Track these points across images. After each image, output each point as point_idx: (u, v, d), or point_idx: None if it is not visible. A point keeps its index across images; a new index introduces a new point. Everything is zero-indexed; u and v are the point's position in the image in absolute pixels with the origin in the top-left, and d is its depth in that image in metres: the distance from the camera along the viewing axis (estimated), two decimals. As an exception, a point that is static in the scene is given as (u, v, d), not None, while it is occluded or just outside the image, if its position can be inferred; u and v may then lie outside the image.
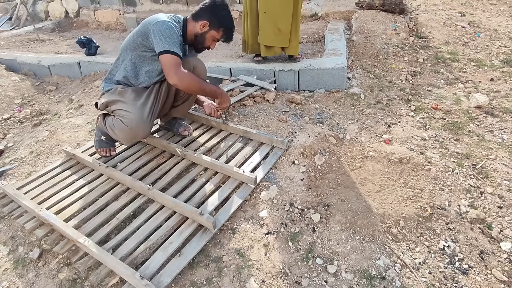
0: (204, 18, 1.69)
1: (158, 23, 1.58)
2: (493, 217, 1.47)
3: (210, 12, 1.69)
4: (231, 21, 1.75)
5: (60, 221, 1.42)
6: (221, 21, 1.71)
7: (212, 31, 1.72)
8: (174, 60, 1.56)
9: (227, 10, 1.73)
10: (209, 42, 1.77)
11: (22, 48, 4.28)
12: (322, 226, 1.47)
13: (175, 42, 1.58)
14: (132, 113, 1.61)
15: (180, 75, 1.56)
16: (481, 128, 2.11)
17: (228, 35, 1.78)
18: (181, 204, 1.47)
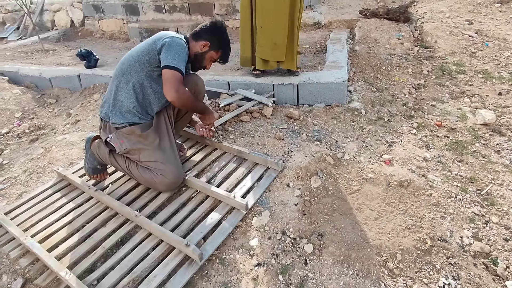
0: (205, 38, 1.75)
1: (171, 38, 1.61)
2: (498, 251, 1.37)
3: (211, 33, 1.75)
4: (229, 44, 1.85)
5: (44, 251, 1.38)
6: (221, 43, 1.80)
7: (211, 52, 1.79)
8: (178, 77, 1.57)
9: (226, 33, 1.82)
10: (207, 62, 1.83)
11: (27, 59, 4.32)
12: (314, 258, 1.40)
13: (183, 61, 1.61)
14: (173, 167, 1.66)
15: (180, 92, 1.57)
16: (487, 148, 2.01)
17: (225, 56, 1.89)
18: (168, 233, 1.42)
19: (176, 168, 1.68)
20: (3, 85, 3.34)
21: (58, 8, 5.77)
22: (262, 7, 2.41)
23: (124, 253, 1.42)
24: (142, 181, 1.73)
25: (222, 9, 4.79)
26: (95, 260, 1.41)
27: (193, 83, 1.87)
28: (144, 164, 1.68)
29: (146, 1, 5.09)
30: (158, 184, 1.67)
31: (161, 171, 1.64)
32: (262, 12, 2.42)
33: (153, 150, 1.66)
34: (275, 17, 2.41)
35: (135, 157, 1.69)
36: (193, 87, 1.86)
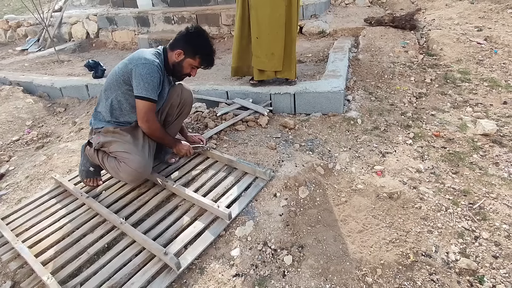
0: (179, 47, 1.73)
1: (139, 66, 1.63)
2: (486, 269, 1.31)
3: (184, 40, 1.73)
4: (208, 47, 1.76)
5: (31, 255, 1.44)
6: (196, 48, 1.73)
7: (188, 59, 1.75)
8: (147, 106, 1.65)
9: (202, 36, 1.75)
10: (187, 69, 1.80)
11: (42, 70, 4.54)
12: (293, 270, 1.38)
13: (154, 87, 1.64)
14: (137, 156, 1.69)
15: (150, 122, 1.68)
16: (486, 159, 1.93)
17: (207, 61, 1.80)
18: (149, 241, 1.45)
19: (141, 158, 1.69)
20: (18, 95, 3.52)
21: (75, 21, 6.06)
22: (257, 18, 2.45)
23: (107, 259, 1.45)
24: (109, 170, 1.77)
25: (228, 20, 4.89)
26: (79, 265, 1.45)
27: (177, 94, 1.89)
28: (113, 154, 1.73)
29: (156, 13, 5.27)
30: (121, 172, 1.69)
31: (125, 159, 1.68)
32: (258, 23, 2.46)
33: (123, 142, 1.72)
34: (271, 28, 2.44)
35: (107, 149, 1.75)
36: (179, 98, 1.89)
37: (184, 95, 1.94)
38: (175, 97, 1.91)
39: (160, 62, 1.72)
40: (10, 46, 6.26)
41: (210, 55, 1.79)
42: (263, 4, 2.36)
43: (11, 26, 6.59)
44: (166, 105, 1.92)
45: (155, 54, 1.73)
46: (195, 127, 2.49)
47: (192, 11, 5.04)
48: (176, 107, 1.94)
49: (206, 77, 3.34)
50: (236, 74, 2.89)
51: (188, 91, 1.97)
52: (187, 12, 5.07)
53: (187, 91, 1.96)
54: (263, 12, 2.42)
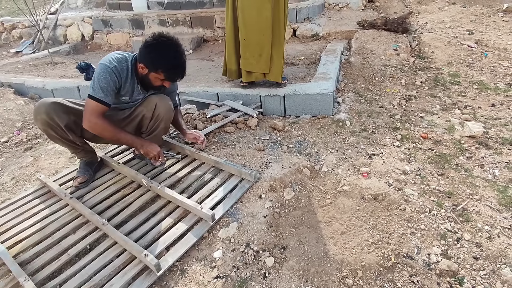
0: (140, 59, 1.62)
1: (99, 65, 1.60)
2: (466, 270, 1.31)
3: (144, 53, 1.59)
4: (170, 60, 1.58)
5: (9, 256, 1.42)
6: (155, 62, 1.58)
7: (152, 73, 1.62)
8: (93, 106, 1.58)
9: (163, 49, 1.56)
10: (156, 82, 1.67)
11: (36, 71, 4.53)
12: (274, 272, 1.37)
13: (105, 88, 1.57)
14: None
15: (92, 122, 1.60)
16: (471, 161, 1.93)
17: (170, 75, 1.63)
18: (130, 243, 1.43)
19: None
20: (9, 96, 3.51)
21: (70, 23, 6.06)
22: (244, 20, 2.45)
23: (88, 260, 1.44)
24: None
25: (223, 22, 4.90)
26: (59, 266, 1.44)
27: (151, 107, 1.77)
28: None
29: (151, 16, 5.28)
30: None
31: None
32: (245, 25, 2.46)
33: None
34: (258, 30, 2.44)
35: None
36: (151, 112, 1.78)
37: (158, 110, 1.78)
38: (148, 110, 1.79)
39: (121, 67, 1.63)
40: (4, 48, 6.25)
41: (173, 69, 1.61)
42: (250, 6, 2.37)
43: (6, 28, 6.59)
44: (136, 115, 1.84)
45: (120, 58, 1.65)
46: (184, 129, 2.49)
47: (186, 14, 5.05)
48: (149, 120, 1.82)
49: (197, 79, 3.34)
50: (228, 75, 2.89)
51: (165, 106, 1.79)
52: (181, 14, 5.09)
53: (163, 106, 1.78)
54: (249, 14, 2.43)
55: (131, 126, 1.90)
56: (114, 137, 1.69)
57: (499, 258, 1.34)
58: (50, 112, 1.65)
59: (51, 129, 1.70)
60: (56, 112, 1.66)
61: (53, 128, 1.70)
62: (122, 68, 1.65)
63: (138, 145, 1.79)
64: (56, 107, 1.67)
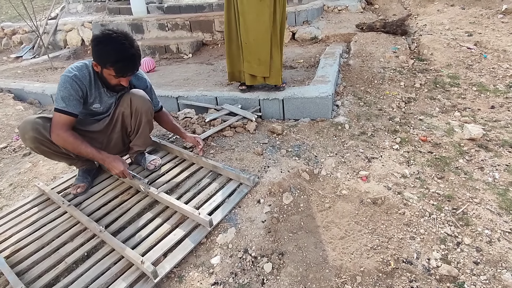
0: (93, 57, 1.60)
1: (61, 77, 1.59)
2: (466, 275, 1.29)
3: (93, 49, 1.56)
4: (117, 54, 1.53)
5: (6, 265, 1.42)
6: (102, 57, 1.55)
7: (104, 70, 1.59)
8: (57, 118, 1.58)
9: (108, 42, 1.52)
10: (112, 80, 1.64)
11: (35, 76, 4.54)
12: (272, 278, 1.36)
13: (66, 98, 1.56)
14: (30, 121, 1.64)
15: (54, 133, 1.59)
16: (471, 164, 1.92)
17: (119, 70, 1.58)
18: (127, 250, 1.43)
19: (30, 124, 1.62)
20: (8, 102, 3.52)
21: (70, 28, 6.08)
22: (244, 24, 2.46)
23: (85, 268, 1.43)
24: None
25: (222, 26, 4.91)
26: (56, 274, 1.43)
27: (127, 104, 1.77)
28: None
29: (151, 20, 5.29)
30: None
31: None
32: (245, 29, 2.46)
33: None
34: (257, 34, 2.44)
35: None
36: (129, 107, 1.77)
37: (135, 103, 1.77)
38: (125, 107, 1.78)
39: (81, 74, 1.61)
40: (5, 54, 6.27)
41: (122, 62, 1.55)
42: (249, 10, 2.37)
43: (7, 33, 6.62)
44: (117, 117, 1.82)
45: (80, 66, 1.63)
46: (183, 133, 2.48)
47: (185, 18, 5.07)
48: (130, 117, 1.82)
49: (196, 83, 3.34)
50: (232, 79, 2.86)
51: (139, 98, 1.78)
52: (180, 18, 5.10)
53: (138, 99, 1.77)
54: (249, 18, 2.43)
55: (116, 131, 1.87)
56: (75, 150, 1.64)
57: (499, 263, 1.32)
58: (36, 128, 1.62)
59: (42, 144, 1.67)
60: (43, 126, 1.63)
61: (44, 143, 1.67)
62: (84, 75, 1.62)
63: (100, 160, 1.71)
64: (41, 121, 1.64)
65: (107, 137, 1.87)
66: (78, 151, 1.65)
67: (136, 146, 1.98)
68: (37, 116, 1.66)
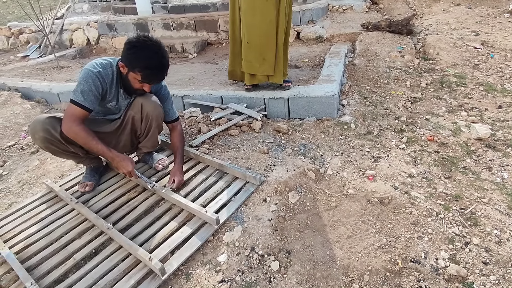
0: (122, 59, 1.61)
1: (82, 70, 1.59)
2: (475, 275, 1.29)
3: (125, 52, 1.58)
4: (148, 61, 1.55)
5: (16, 261, 1.43)
6: (133, 61, 1.56)
7: (131, 73, 1.60)
8: (72, 110, 1.56)
9: (142, 48, 1.54)
10: (135, 84, 1.65)
11: (42, 76, 4.58)
12: (279, 276, 1.36)
13: (86, 93, 1.56)
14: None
15: (67, 125, 1.57)
16: (479, 164, 1.91)
17: (147, 76, 1.60)
18: (134, 247, 1.43)
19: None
20: (16, 100, 3.55)
21: (76, 28, 6.13)
22: (248, 23, 2.46)
23: (93, 264, 1.44)
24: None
25: (226, 25, 4.92)
26: (65, 271, 1.44)
27: (138, 108, 1.76)
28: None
29: (156, 20, 5.32)
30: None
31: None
32: (248, 28, 2.47)
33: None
34: (262, 34, 2.44)
35: None
36: (140, 113, 1.77)
37: (146, 109, 1.77)
38: (136, 111, 1.79)
39: (105, 72, 1.62)
40: (12, 53, 6.33)
41: (150, 69, 1.57)
42: (253, 10, 2.38)
43: (14, 33, 6.68)
44: (127, 120, 1.84)
45: (105, 63, 1.64)
46: (189, 132, 2.49)
47: (190, 17, 5.08)
48: (140, 121, 1.82)
49: (202, 82, 3.35)
50: (232, 77, 2.91)
51: (151, 104, 1.77)
52: (185, 18, 5.12)
53: (149, 104, 1.77)
54: (253, 18, 2.43)
55: (125, 133, 1.89)
56: (85, 144, 1.64)
57: (509, 263, 1.31)
58: (46, 128, 1.63)
59: (52, 144, 1.68)
60: (52, 126, 1.64)
61: (54, 143, 1.67)
62: (107, 73, 1.64)
63: (109, 158, 1.71)
64: (51, 121, 1.65)
65: (116, 138, 1.88)
66: (88, 146, 1.64)
67: (144, 147, 1.98)
68: (47, 116, 1.67)
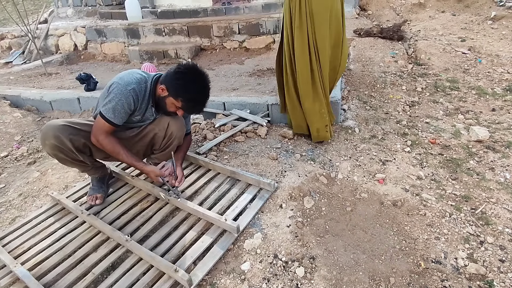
0: (165, 82, 1.60)
1: (114, 84, 1.58)
2: (494, 273, 1.34)
3: (170, 77, 1.58)
4: (194, 93, 1.57)
5: (33, 279, 1.37)
6: (179, 90, 1.56)
7: (170, 98, 1.59)
8: (101, 125, 1.58)
9: (192, 80, 1.56)
10: (171, 108, 1.65)
11: (29, 83, 4.42)
12: (306, 282, 1.37)
13: (117, 111, 1.57)
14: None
15: (96, 138, 1.61)
16: (482, 165, 2.00)
17: (189, 107, 1.62)
18: (157, 259, 1.41)
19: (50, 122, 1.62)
20: (4, 109, 3.41)
21: (62, 33, 5.96)
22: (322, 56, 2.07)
23: (114, 279, 1.40)
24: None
25: (220, 31, 4.92)
26: (85, 287, 1.39)
27: (163, 127, 1.75)
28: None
29: (147, 25, 5.25)
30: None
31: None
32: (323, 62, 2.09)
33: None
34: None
35: None
36: (164, 131, 1.77)
37: (171, 128, 1.77)
38: (161, 129, 1.77)
39: (139, 88, 1.62)
40: (-7, 59, 6.07)
41: (194, 102, 1.60)
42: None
43: (-5, 38, 6.42)
44: (147, 133, 1.81)
45: (140, 78, 1.63)
46: (193, 139, 2.47)
47: (183, 23, 5.05)
48: (162, 139, 1.81)
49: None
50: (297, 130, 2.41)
51: (177, 124, 1.78)
52: (178, 24, 5.08)
53: (176, 125, 1.77)
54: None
55: (141, 143, 1.86)
56: (113, 154, 1.66)
57: (523, 260, 1.38)
58: (58, 136, 1.58)
59: (61, 152, 1.63)
60: (65, 135, 1.59)
61: (63, 151, 1.63)
62: (140, 90, 1.62)
63: (138, 168, 1.76)
64: (64, 129, 1.60)
65: (130, 145, 1.83)
66: (116, 157, 1.68)
67: (157, 159, 1.94)
68: (61, 123, 1.62)
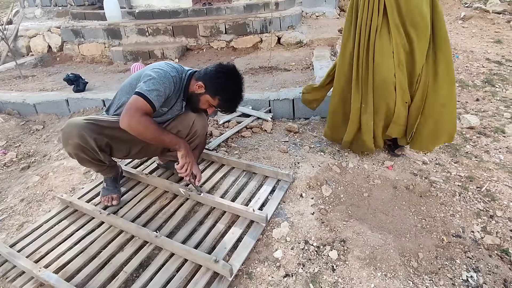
0: (203, 79, 1.60)
1: (153, 70, 1.54)
2: (508, 242, 1.47)
3: (211, 75, 1.58)
4: (233, 93, 1.60)
5: (63, 281, 1.30)
6: (218, 88, 1.58)
7: (207, 95, 1.60)
8: (141, 104, 1.44)
9: (232, 80, 1.59)
10: (204, 105, 1.65)
11: (5, 86, 4.14)
12: (341, 264, 1.42)
13: (161, 93, 1.49)
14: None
15: (134, 118, 1.42)
16: (477, 149, 2.17)
17: (225, 106, 1.65)
18: (193, 252, 1.39)
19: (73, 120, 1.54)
20: (-17, 114, 3.17)
21: (34, 34, 5.63)
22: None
23: (149, 276, 1.37)
24: None
25: (206, 31, 4.90)
26: (119, 285, 1.35)
27: (188, 124, 1.73)
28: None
29: (129, 25, 5.11)
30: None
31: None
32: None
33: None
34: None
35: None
36: (189, 128, 1.74)
37: (196, 126, 1.76)
38: (185, 126, 1.74)
39: (178, 78, 1.60)
40: (-45, 62, 5.60)
41: (231, 102, 1.64)
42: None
43: (-45, 40, 5.91)
44: (171, 130, 1.73)
45: (179, 69, 1.63)
46: (199, 136, 2.45)
47: (167, 23, 4.97)
48: (185, 136, 1.76)
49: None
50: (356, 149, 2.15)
51: (202, 122, 1.78)
52: (162, 24, 4.99)
53: (201, 122, 1.77)
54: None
55: None
56: (157, 137, 1.51)
57: (530, 229, 1.52)
58: (83, 135, 1.49)
59: (84, 152, 1.54)
60: (89, 134, 1.51)
61: (86, 151, 1.54)
62: (177, 80, 1.60)
63: (183, 149, 1.61)
64: (88, 128, 1.52)
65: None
66: (160, 138, 1.52)
67: (172, 156, 1.89)
68: (85, 120, 1.53)
